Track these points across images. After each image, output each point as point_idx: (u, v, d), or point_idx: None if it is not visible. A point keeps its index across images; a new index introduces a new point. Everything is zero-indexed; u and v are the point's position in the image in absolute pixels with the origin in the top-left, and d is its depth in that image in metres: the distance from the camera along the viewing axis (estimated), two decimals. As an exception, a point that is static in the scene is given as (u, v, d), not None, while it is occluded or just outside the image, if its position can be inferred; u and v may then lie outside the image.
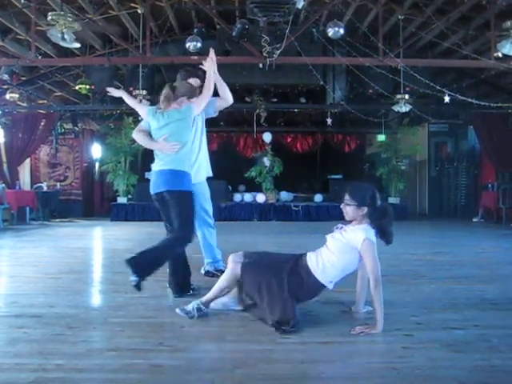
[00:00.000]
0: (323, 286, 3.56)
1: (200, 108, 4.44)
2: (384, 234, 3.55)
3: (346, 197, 3.56)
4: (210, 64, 4.48)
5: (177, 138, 4.26)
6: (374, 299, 3.45)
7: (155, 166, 4.38)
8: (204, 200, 5.32)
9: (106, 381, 2.57)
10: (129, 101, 4.69)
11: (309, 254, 3.62)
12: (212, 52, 4.60)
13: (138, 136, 4.48)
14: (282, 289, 3.43)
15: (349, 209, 3.55)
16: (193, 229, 4.43)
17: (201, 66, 4.58)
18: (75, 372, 2.67)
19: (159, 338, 3.21)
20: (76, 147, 16.20)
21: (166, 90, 4.32)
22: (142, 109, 4.51)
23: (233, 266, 3.60)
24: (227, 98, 4.89)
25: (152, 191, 4.47)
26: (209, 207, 5.45)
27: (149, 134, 4.39)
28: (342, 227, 3.62)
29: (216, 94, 4.74)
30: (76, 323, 3.58)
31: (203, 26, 12.12)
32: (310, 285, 3.52)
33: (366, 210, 3.51)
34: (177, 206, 4.32)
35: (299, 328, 3.35)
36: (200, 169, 5.18)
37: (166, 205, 4.44)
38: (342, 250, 3.51)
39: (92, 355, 2.97)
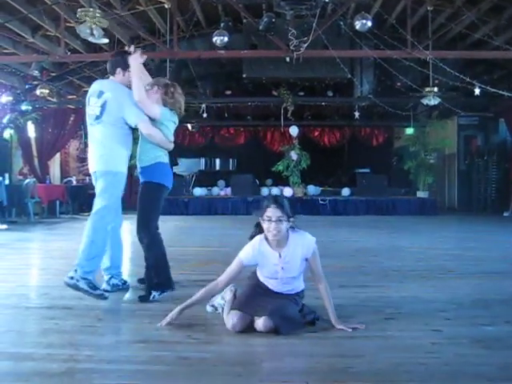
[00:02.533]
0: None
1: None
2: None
3: (277, 213, 3.19)
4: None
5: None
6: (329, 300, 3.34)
7: (167, 159, 4.43)
8: None
9: (135, 372, 2.61)
10: (138, 83, 4.18)
11: None
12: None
13: (157, 133, 4.24)
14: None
15: (283, 225, 3.21)
16: None
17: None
18: (104, 363, 2.71)
19: (187, 331, 3.24)
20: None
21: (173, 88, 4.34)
22: (154, 108, 4.20)
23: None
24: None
25: (171, 185, 4.49)
26: None
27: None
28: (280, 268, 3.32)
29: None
30: (105, 315, 3.64)
31: (230, 20, 12.13)
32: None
33: (291, 220, 3.27)
34: None
35: (324, 322, 3.34)
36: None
37: None
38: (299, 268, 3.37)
39: (121, 347, 3.02)
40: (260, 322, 3.18)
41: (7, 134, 14.09)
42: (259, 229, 3.37)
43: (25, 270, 5.68)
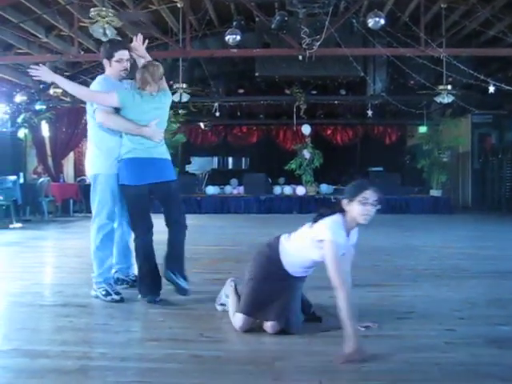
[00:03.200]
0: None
1: None
2: None
3: (375, 196, 3.07)
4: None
5: (162, 125, 4.11)
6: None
7: (137, 153, 3.94)
8: None
9: (148, 370, 2.62)
10: (70, 87, 4.02)
11: None
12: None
13: (111, 119, 3.94)
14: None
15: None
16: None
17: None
18: (118, 361, 2.73)
19: (199, 329, 3.25)
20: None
21: (153, 69, 4.02)
22: (109, 96, 3.91)
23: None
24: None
25: (146, 181, 3.94)
26: None
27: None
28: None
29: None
30: (119, 313, 3.66)
31: (242, 18, 12.13)
32: None
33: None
34: (178, 196, 4.15)
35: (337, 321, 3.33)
36: None
37: (160, 195, 4.09)
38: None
39: (134, 345, 3.03)
40: (268, 327, 3.17)
41: (22, 133, 14.19)
42: (336, 209, 3.18)
43: (39, 268, 5.72)
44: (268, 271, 3.25)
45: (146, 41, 4.38)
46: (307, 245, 3.15)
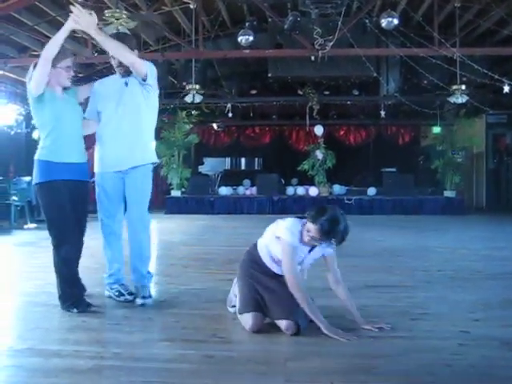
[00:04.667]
0: None
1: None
2: None
3: (333, 241, 3.18)
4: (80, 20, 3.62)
5: None
6: (351, 299, 3.36)
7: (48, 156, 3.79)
8: None
9: (161, 370, 2.63)
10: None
11: None
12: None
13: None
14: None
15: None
16: None
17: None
18: (131, 361, 2.74)
19: (212, 330, 3.26)
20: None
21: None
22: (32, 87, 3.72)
23: None
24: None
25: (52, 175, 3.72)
26: None
27: None
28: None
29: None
30: (132, 313, 3.68)
31: (255, 19, 12.14)
32: None
33: None
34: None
35: (349, 322, 3.32)
36: None
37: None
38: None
39: (147, 345, 3.05)
40: (283, 326, 3.17)
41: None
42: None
43: (53, 268, 5.76)
44: (250, 266, 3.44)
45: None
46: (271, 239, 3.37)
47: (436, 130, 16.20)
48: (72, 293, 3.71)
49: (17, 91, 13.46)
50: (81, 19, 3.59)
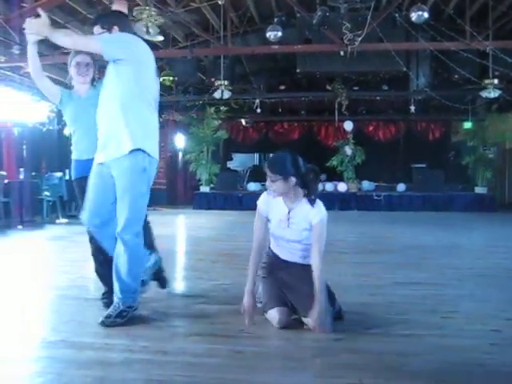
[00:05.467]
0: None
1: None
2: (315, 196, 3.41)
3: (269, 173, 3.29)
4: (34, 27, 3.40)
5: None
6: (318, 277, 3.16)
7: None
8: None
9: (189, 364, 2.66)
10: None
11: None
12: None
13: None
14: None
15: (277, 184, 3.29)
16: None
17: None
18: (160, 355, 2.78)
19: (240, 325, 3.27)
20: (160, 137, 16.64)
21: None
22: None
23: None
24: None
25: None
26: None
27: None
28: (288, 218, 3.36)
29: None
30: (161, 308, 3.72)
31: (283, 14, 12.10)
32: None
33: (294, 179, 3.28)
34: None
35: (380, 319, 3.31)
36: None
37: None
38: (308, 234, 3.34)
39: (175, 339, 3.08)
40: (311, 324, 3.16)
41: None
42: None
43: (84, 263, 5.83)
44: (270, 265, 3.50)
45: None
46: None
47: (467, 125, 15.95)
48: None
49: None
50: (31, 29, 3.42)
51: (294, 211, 3.35)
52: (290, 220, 3.35)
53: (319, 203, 3.38)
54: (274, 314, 3.27)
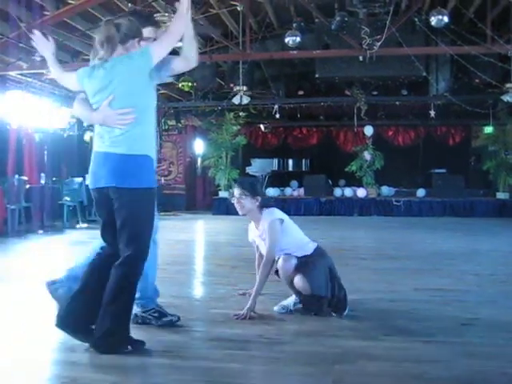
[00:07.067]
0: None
1: (162, 52, 3.08)
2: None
3: (238, 191, 3.79)
4: None
5: (127, 101, 2.91)
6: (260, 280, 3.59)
7: (96, 146, 3.07)
8: None
9: (208, 369, 2.66)
10: (54, 68, 3.22)
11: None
12: None
13: (76, 107, 3.19)
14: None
15: (245, 201, 3.76)
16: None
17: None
18: (179, 359, 2.78)
19: (259, 331, 3.27)
20: (179, 143, 16.74)
21: (106, 27, 3.00)
22: (70, 77, 3.11)
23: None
24: (190, 57, 3.28)
25: (91, 185, 3.02)
26: None
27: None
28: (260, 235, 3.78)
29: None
30: (180, 313, 3.71)
31: (302, 20, 12.10)
32: None
33: (259, 199, 3.75)
34: (127, 210, 2.88)
35: (400, 326, 3.27)
36: None
37: (110, 206, 2.93)
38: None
39: (195, 344, 3.09)
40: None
41: (87, 136, 14.68)
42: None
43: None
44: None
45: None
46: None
47: (488, 129, 15.76)
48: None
49: (69, 95, 13.85)
50: (37, 45, 3.30)
51: (260, 229, 3.76)
52: (261, 237, 3.76)
53: (270, 210, 3.76)
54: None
